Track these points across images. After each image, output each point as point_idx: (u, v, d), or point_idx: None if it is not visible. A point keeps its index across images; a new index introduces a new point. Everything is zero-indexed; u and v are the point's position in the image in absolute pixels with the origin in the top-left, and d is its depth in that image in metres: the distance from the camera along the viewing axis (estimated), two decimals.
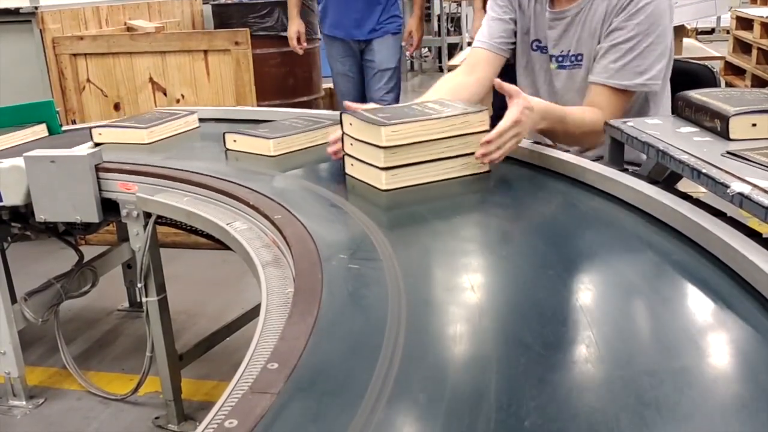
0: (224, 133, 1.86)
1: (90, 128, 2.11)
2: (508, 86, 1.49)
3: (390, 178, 1.41)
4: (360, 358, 0.83)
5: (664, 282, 1.04)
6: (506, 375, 0.78)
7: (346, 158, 1.51)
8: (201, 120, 2.23)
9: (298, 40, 3.87)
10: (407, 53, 3.81)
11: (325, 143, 1.64)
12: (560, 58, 1.77)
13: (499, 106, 1.70)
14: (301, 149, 1.81)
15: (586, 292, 1.01)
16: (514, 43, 1.84)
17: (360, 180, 1.48)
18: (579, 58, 1.74)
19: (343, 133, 1.50)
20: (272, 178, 1.60)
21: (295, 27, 3.87)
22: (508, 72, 1.86)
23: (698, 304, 0.97)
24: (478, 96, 1.77)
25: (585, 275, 1.09)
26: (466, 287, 1.01)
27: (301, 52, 3.93)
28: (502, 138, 1.43)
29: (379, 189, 1.42)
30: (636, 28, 1.61)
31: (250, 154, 1.80)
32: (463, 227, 1.29)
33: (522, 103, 1.45)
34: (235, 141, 1.84)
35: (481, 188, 1.46)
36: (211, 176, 1.60)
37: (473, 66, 1.84)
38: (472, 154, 1.46)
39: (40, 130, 2.24)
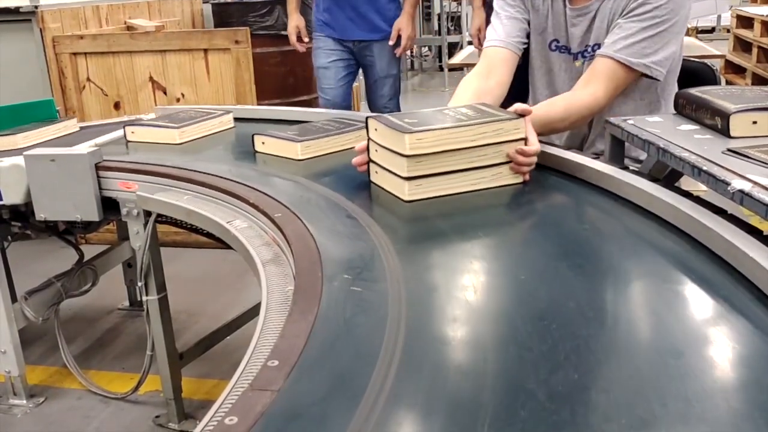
0: (253, 135, 1.82)
1: (124, 125, 2.10)
2: (515, 106, 1.46)
3: (413, 188, 1.32)
4: (340, 401, 0.76)
5: (673, 290, 1.00)
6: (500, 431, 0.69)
7: (371, 165, 1.44)
8: (237, 120, 2.17)
9: (299, 37, 3.59)
10: (396, 53, 3.49)
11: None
12: (585, 54, 1.76)
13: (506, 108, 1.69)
14: (332, 153, 1.74)
15: (605, 328, 0.91)
16: (527, 44, 1.82)
17: (384, 189, 1.40)
18: (596, 47, 1.72)
19: (369, 138, 1.43)
20: (292, 184, 1.52)
21: (294, 23, 3.58)
22: (515, 73, 1.83)
23: (709, 316, 0.92)
24: (500, 100, 1.71)
25: (609, 306, 0.98)
26: (473, 318, 0.94)
27: (302, 49, 3.64)
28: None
29: (402, 200, 1.33)
30: (653, 11, 1.61)
31: (279, 157, 1.74)
32: (484, 246, 1.20)
33: (529, 119, 1.44)
34: (263, 143, 1.79)
35: (512, 201, 1.37)
36: (211, 175, 1.60)
37: (491, 68, 1.76)
38: (505, 163, 1.38)
39: (72, 125, 2.24)
